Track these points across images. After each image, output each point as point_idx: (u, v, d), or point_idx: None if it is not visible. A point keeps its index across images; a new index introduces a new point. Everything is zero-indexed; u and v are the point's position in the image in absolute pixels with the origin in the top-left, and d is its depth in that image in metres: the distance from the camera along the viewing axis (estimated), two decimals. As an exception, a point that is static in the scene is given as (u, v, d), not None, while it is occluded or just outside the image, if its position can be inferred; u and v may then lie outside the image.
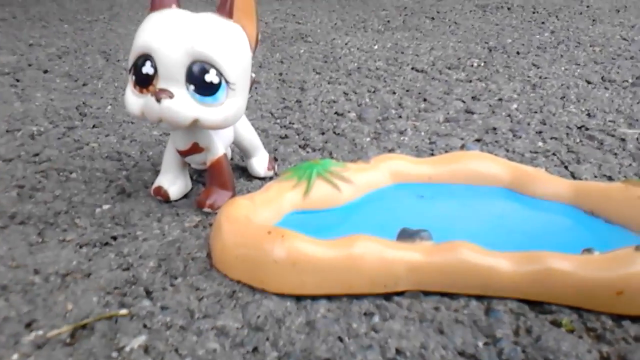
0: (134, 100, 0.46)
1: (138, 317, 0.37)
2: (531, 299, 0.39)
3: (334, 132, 0.69)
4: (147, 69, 0.44)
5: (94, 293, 0.40)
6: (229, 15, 0.46)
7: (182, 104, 0.43)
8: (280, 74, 0.92)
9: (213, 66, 0.43)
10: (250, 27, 0.47)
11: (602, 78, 0.89)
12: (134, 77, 0.45)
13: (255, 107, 0.78)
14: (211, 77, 0.44)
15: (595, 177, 0.57)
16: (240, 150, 0.57)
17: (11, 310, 0.38)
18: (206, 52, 0.43)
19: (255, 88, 0.85)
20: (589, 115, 0.74)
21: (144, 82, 0.45)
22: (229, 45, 0.45)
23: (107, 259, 0.44)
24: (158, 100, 0.43)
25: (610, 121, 0.71)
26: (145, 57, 0.44)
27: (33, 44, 1.14)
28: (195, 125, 0.45)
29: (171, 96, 0.43)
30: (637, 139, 0.66)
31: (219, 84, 0.44)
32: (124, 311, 0.38)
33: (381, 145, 0.65)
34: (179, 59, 0.43)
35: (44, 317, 0.37)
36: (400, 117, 0.74)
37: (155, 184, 0.52)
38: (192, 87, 0.44)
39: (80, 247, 0.45)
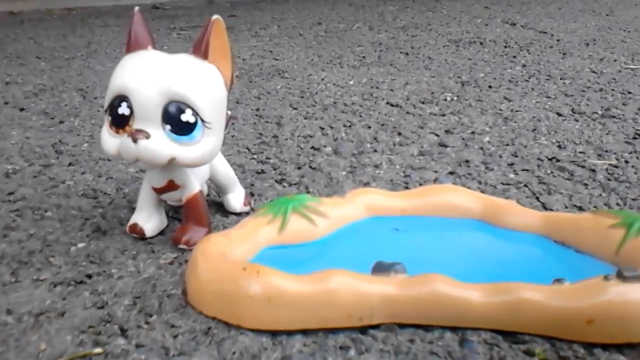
0: (110, 140, 0.46)
1: (112, 356, 0.37)
2: (504, 329, 0.39)
3: (310, 167, 0.70)
4: (123, 109, 0.45)
5: (68, 332, 0.39)
6: (204, 56, 0.46)
7: (159, 143, 0.44)
8: (257, 110, 0.93)
9: (189, 106, 0.44)
10: (226, 67, 0.48)
11: (572, 110, 0.91)
12: (110, 118, 0.46)
13: (232, 142, 0.78)
14: (187, 116, 0.44)
15: (566, 207, 0.58)
16: (216, 186, 0.57)
17: (-17, 352, 0.37)
18: (182, 92, 0.44)
19: (232, 124, 0.85)
20: (559, 146, 0.75)
21: (120, 123, 0.45)
22: (204, 85, 0.46)
23: (81, 298, 0.43)
24: (135, 140, 0.44)
25: (580, 152, 0.73)
26: (121, 98, 0.45)
27: (10, 81, 1.14)
28: (172, 164, 0.45)
29: (147, 136, 0.44)
30: (607, 169, 0.68)
31: (195, 123, 0.45)
32: (98, 350, 0.38)
33: (357, 179, 0.66)
34: (154, 100, 0.44)
35: (16, 357, 0.37)
36: (375, 151, 0.75)
37: (131, 221, 0.52)
38: (168, 126, 0.44)
39: (55, 286, 0.45)
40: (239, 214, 0.57)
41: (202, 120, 0.45)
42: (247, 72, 1.20)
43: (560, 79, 1.11)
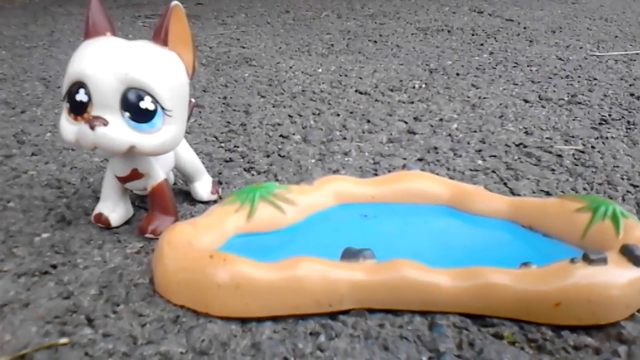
0: (69, 128, 0.45)
1: (79, 346, 0.36)
2: (473, 313, 0.40)
3: (279, 155, 0.69)
4: (81, 96, 0.44)
5: (32, 323, 0.39)
6: (164, 42, 0.46)
7: (117, 131, 0.43)
8: (225, 98, 0.92)
9: (148, 93, 0.43)
10: (187, 54, 0.47)
11: (539, 97, 0.92)
12: (68, 105, 0.45)
13: (199, 131, 0.77)
14: (146, 103, 0.44)
15: (534, 193, 0.59)
16: (182, 174, 0.57)
17: (-57, 345, 0.36)
18: (141, 78, 0.43)
19: (199, 112, 0.85)
20: (526, 133, 0.76)
21: (78, 110, 0.44)
22: (164, 72, 0.45)
23: (46, 288, 0.43)
24: (92, 127, 0.43)
25: (547, 138, 0.74)
26: (79, 85, 0.44)
27: (-31, 71, 1.11)
28: (131, 152, 0.45)
29: (105, 123, 0.43)
30: (574, 155, 0.68)
31: (155, 111, 0.44)
32: (64, 340, 0.37)
33: (326, 167, 0.65)
34: (112, 86, 0.43)
35: (-22, 350, 0.36)
36: (344, 138, 0.74)
37: (96, 211, 0.51)
38: (127, 114, 0.44)
39: (19, 277, 0.44)
40: (206, 203, 0.56)
41: (162, 108, 0.44)
42: (214, 60, 1.19)
43: (527, 66, 1.12)
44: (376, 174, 0.63)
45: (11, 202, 0.56)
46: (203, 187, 0.57)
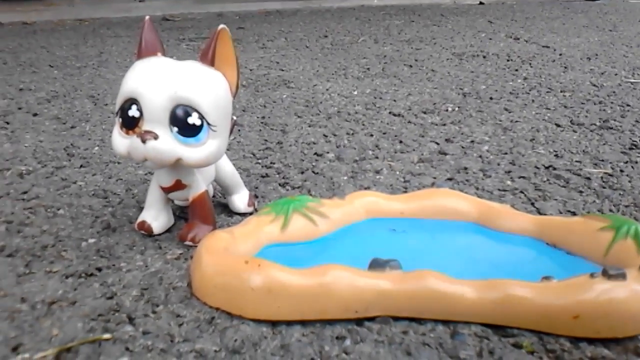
0: (121, 141, 0.48)
1: (120, 341, 0.39)
2: (494, 324, 0.41)
3: (313, 172, 0.72)
4: (133, 112, 0.47)
5: (78, 319, 0.41)
6: (211, 62, 0.49)
7: (166, 144, 0.46)
8: (263, 118, 0.96)
9: (195, 109, 0.47)
10: (231, 73, 0.50)
11: (570, 121, 0.93)
12: (120, 120, 0.48)
13: (238, 148, 0.80)
14: (193, 119, 0.47)
15: (560, 213, 0.60)
16: (221, 187, 0.59)
17: (-1, 335, 0.39)
18: (189, 96, 0.46)
19: (239, 130, 0.88)
20: (556, 155, 0.77)
21: (130, 124, 0.48)
22: (210, 90, 0.48)
23: (91, 289, 0.46)
24: (143, 141, 0.46)
25: (576, 161, 0.75)
26: (131, 101, 0.47)
27: (23, 88, 1.17)
28: (178, 164, 0.48)
29: (156, 137, 0.46)
30: (602, 177, 0.69)
31: (201, 126, 0.47)
32: (107, 335, 0.40)
33: (357, 184, 0.68)
34: (163, 103, 0.46)
35: (30, 341, 0.39)
36: (376, 157, 0.77)
37: (140, 219, 0.55)
38: (175, 128, 0.47)
39: (66, 277, 0.47)
40: (243, 214, 0.59)
41: (208, 123, 0.47)
42: (254, 82, 1.22)
43: (561, 91, 1.13)
44: (406, 192, 0.65)
45: (61, 209, 0.60)
46: (241, 199, 0.59)
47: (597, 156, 0.77)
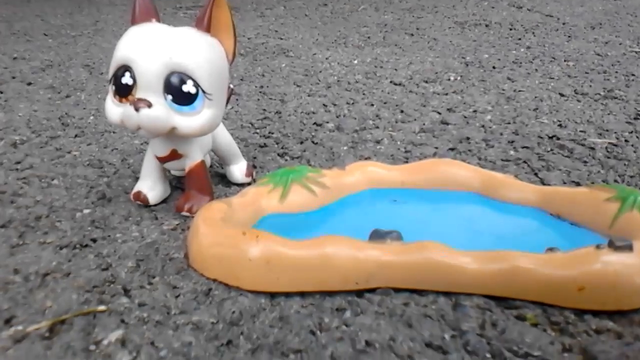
0: (114, 109, 0.47)
1: (116, 313, 0.38)
2: (497, 295, 0.41)
3: (312, 142, 0.70)
4: (127, 79, 0.46)
5: (73, 291, 0.41)
6: (207, 29, 0.47)
7: (160, 112, 0.45)
8: (261, 87, 0.94)
9: (190, 77, 0.45)
10: (228, 40, 0.49)
11: (574, 91, 0.91)
12: (113, 87, 0.47)
13: (235, 117, 0.79)
14: (188, 87, 0.45)
15: (564, 183, 0.59)
16: (219, 157, 0.58)
17: (-9, 307, 0.39)
18: (183, 63, 0.45)
19: (236, 100, 0.86)
20: (560, 125, 0.76)
21: (124, 92, 0.46)
22: (206, 57, 0.46)
23: (86, 260, 0.45)
24: (137, 109, 0.45)
25: (580, 131, 0.74)
26: (125, 68, 0.46)
27: (17, 57, 1.15)
28: (172, 133, 0.46)
29: (149, 105, 0.45)
30: (607, 148, 0.68)
31: (196, 94, 0.46)
32: (102, 307, 0.39)
33: (358, 154, 0.67)
34: (157, 70, 0.45)
35: (23, 313, 0.38)
36: (377, 127, 0.75)
37: (135, 189, 0.53)
38: (169, 96, 0.45)
39: (61, 248, 0.46)
40: (241, 185, 0.58)
41: (203, 91, 0.46)
42: (252, 51, 1.20)
43: (564, 60, 1.11)
44: (407, 162, 0.64)
45: (55, 179, 0.59)
46: (238, 169, 0.58)
47: (601, 126, 0.75)
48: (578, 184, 0.59)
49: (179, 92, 0.45)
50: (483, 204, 0.52)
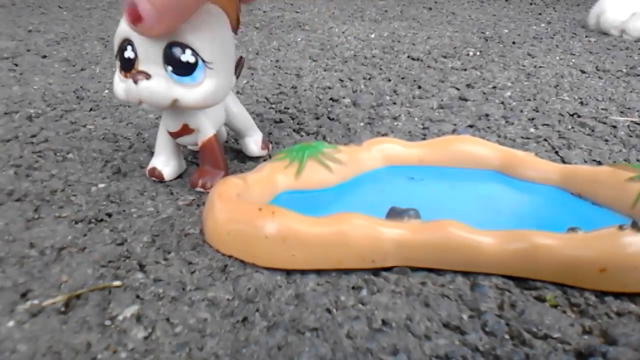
0: (119, 85, 0.47)
1: (131, 289, 0.38)
2: (516, 276, 0.40)
3: (329, 117, 0.70)
4: (129, 53, 0.45)
5: (88, 266, 0.40)
6: None
7: (159, 84, 0.44)
8: (277, 61, 0.93)
9: (188, 46, 0.44)
10: (229, 6, 0.48)
11: (596, 68, 0.89)
12: (119, 62, 0.46)
13: (251, 92, 0.78)
14: (187, 57, 0.44)
15: (585, 162, 0.58)
16: (233, 131, 0.58)
17: (7, 281, 0.38)
18: (180, 32, 0.44)
19: (252, 74, 0.85)
20: (581, 103, 0.74)
21: (127, 66, 0.46)
22: (204, 25, 0.45)
23: (101, 235, 0.44)
24: (135, 81, 0.44)
25: (602, 109, 0.72)
26: (127, 42, 0.45)
27: (32, 30, 1.14)
28: (175, 106, 0.46)
29: (147, 77, 0.44)
30: (629, 126, 0.67)
31: (195, 64, 0.45)
32: (117, 282, 0.39)
33: (375, 130, 0.66)
34: (155, 42, 0.44)
35: (39, 287, 0.38)
36: (394, 103, 0.74)
37: (150, 165, 0.53)
38: (170, 68, 0.44)
39: (76, 223, 0.46)
40: (256, 160, 0.57)
41: (203, 61, 0.45)
42: (267, 24, 1.19)
43: (586, 37, 1.09)
44: (425, 139, 0.63)
45: (70, 153, 0.59)
46: (254, 142, 0.58)
47: (623, 104, 0.74)
48: (599, 163, 0.58)
49: (178, 63, 0.44)
50: (502, 182, 0.51)
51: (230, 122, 0.56)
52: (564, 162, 0.58)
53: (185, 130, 0.51)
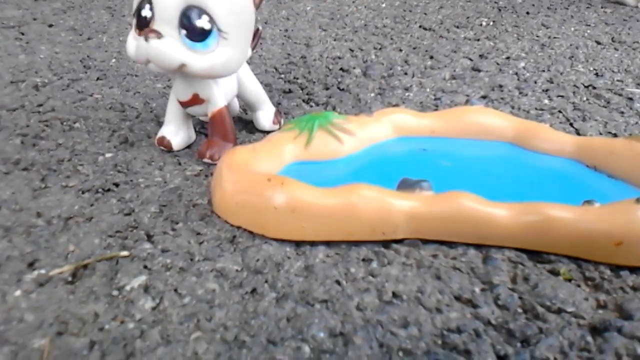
0: (132, 42, 0.46)
1: (139, 259, 0.38)
2: (530, 249, 0.39)
3: (339, 88, 0.68)
4: (146, 12, 0.44)
5: (95, 235, 0.40)
6: None
7: (170, 46, 0.43)
8: (286, 30, 0.91)
9: (206, 12, 0.43)
10: None
11: (612, 39, 0.87)
12: (135, 21, 0.45)
13: (259, 62, 0.77)
14: (202, 22, 0.43)
15: (601, 134, 0.57)
16: (245, 103, 0.57)
17: (14, 250, 0.38)
18: None
19: (261, 44, 0.84)
20: (597, 74, 0.73)
21: (142, 24, 0.45)
22: None
23: (109, 204, 0.44)
24: (146, 39, 0.43)
25: (618, 81, 0.71)
26: (146, 1, 0.44)
27: (38, -2, 1.13)
28: (182, 71, 0.45)
29: (159, 36, 0.43)
30: (645, 98, 0.65)
31: (210, 31, 0.44)
32: (124, 253, 0.38)
33: (385, 101, 0.65)
34: (173, 3, 0.43)
35: (46, 257, 0.38)
36: (405, 74, 0.73)
37: (159, 134, 0.52)
38: (184, 31, 0.44)
39: (83, 192, 0.46)
40: (267, 132, 0.57)
41: (219, 29, 0.44)
42: (277, -6, 1.17)
43: (601, 7, 1.06)
44: (437, 110, 0.62)
45: (77, 123, 0.58)
46: (265, 116, 0.57)
47: (639, 76, 0.72)
48: (615, 135, 0.57)
49: (192, 27, 0.43)
50: (516, 154, 0.50)
51: (243, 95, 0.55)
52: (579, 134, 0.57)
53: (196, 100, 0.50)
